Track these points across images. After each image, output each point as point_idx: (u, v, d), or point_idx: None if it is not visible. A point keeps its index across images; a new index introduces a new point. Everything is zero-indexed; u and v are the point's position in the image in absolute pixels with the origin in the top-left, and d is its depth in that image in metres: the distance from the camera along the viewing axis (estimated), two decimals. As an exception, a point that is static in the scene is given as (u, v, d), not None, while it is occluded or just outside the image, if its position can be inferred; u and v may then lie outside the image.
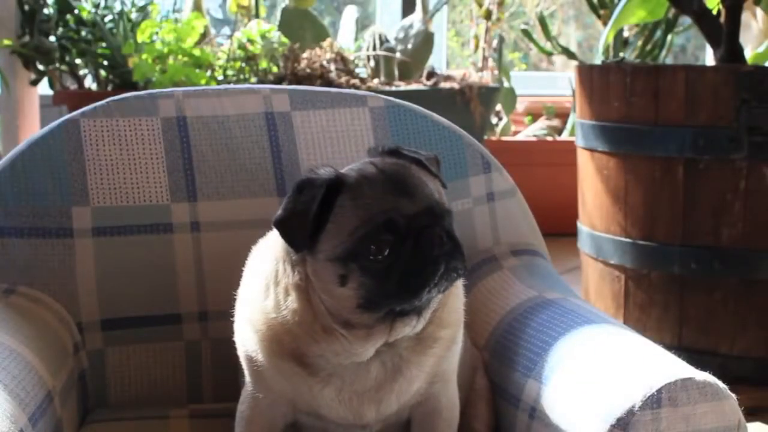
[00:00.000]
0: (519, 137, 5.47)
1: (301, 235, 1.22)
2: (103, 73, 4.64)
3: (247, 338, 1.35)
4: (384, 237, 1.19)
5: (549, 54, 5.27)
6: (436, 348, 1.33)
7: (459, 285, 1.40)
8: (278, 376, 1.33)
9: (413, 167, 1.28)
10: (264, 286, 1.33)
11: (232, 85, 1.87)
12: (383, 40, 4.60)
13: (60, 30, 4.63)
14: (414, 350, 1.32)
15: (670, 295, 2.94)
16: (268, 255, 1.35)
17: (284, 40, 4.32)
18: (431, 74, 4.66)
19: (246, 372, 1.39)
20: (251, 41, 4.25)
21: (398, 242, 1.20)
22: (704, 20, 3.10)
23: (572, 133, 5.03)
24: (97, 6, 4.63)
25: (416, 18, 4.77)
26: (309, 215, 1.20)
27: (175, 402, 1.72)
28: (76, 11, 4.61)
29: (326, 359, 1.29)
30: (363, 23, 5.32)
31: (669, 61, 5.10)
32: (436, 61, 5.65)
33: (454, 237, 1.23)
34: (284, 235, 1.25)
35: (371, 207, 1.21)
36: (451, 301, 1.36)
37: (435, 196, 1.25)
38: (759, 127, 2.77)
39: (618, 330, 1.47)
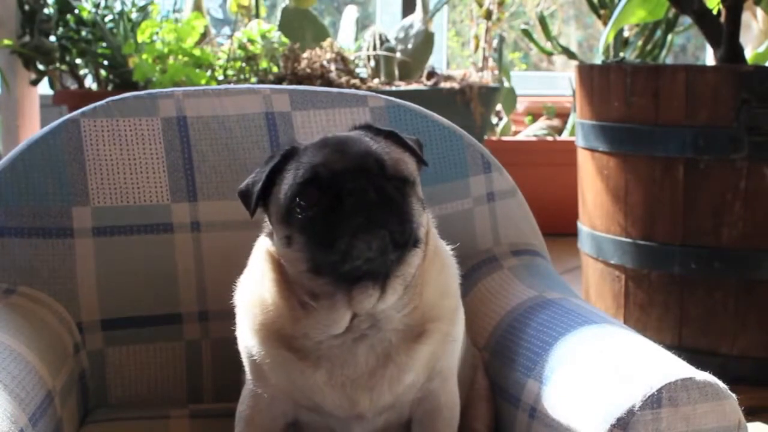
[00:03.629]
0: (519, 137, 5.46)
1: (254, 197, 1.29)
2: (103, 73, 4.64)
3: (243, 326, 1.37)
4: (308, 191, 1.22)
5: (549, 54, 5.27)
6: (427, 339, 1.33)
7: (452, 270, 1.40)
8: (274, 365, 1.34)
9: (367, 136, 1.29)
10: (255, 267, 1.38)
11: (232, 85, 1.87)
12: (383, 40, 4.60)
13: (60, 30, 4.63)
14: (403, 337, 1.32)
15: (670, 295, 2.94)
16: (262, 241, 1.39)
17: (284, 40, 4.32)
18: (431, 74, 4.66)
19: (246, 367, 1.40)
20: (251, 41, 4.25)
21: (323, 196, 1.22)
22: (704, 20, 3.10)
23: (572, 133, 5.03)
24: (97, 6, 4.62)
25: (416, 18, 4.77)
26: (261, 182, 1.28)
27: (175, 402, 1.72)
28: (76, 11, 4.61)
29: (310, 338, 1.30)
30: (363, 23, 5.32)
31: (669, 61, 5.10)
32: (436, 61, 5.65)
33: (386, 195, 1.22)
34: (243, 202, 1.32)
35: (303, 165, 1.25)
36: (433, 289, 1.34)
37: (375, 157, 1.24)
38: (759, 127, 2.77)
39: (618, 330, 1.47)
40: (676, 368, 1.29)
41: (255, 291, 1.36)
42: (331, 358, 1.31)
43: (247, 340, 1.37)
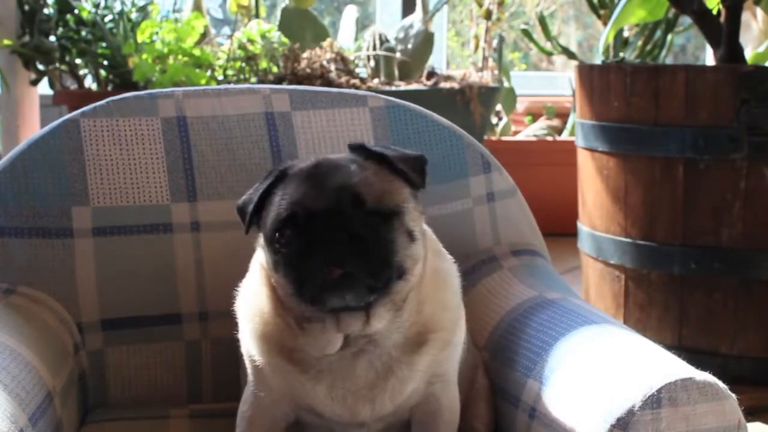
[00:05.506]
0: (519, 137, 5.46)
1: (247, 218, 1.29)
2: (103, 73, 4.65)
3: (245, 334, 1.37)
4: (286, 230, 1.22)
5: (549, 54, 5.27)
6: (427, 348, 1.33)
7: (452, 286, 1.38)
8: (275, 374, 1.34)
9: (356, 162, 1.26)
10: (254, 275, 1.37)
11: (232, 85, 1.87)
12: (383, 40, 4.60)
13: (60, 30, 4.63)
14: (403, 350, 1.31)
15: (670, 295, 2.94)
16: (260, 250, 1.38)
17: (284, 40, 4.32)
18: (431, 74, 4.66)
19: (248, 370, 1.39)
20: (251, 41, 4.25)
21: (297, 238, 1.21)
22: (704, 20, 3.10)
23: (572, 133, 5.03)
24: (97, 6, 4.63)
25: (416, 18, 4.76)
26: (254, 201, 1.28)
27: (175, 402, 1.72)
28: (76, 11, 4.61)
29: (308, 354, 1.30)
30: (363, 23, 5.32)
31: (669, 61, 5.10)
32: (436, 61, 5.65)
33: (361, 239, 1.19)
34: (240, 217, 1.32)
35: (285, 199, 1.24)
36: (432, 305, 1.33)
37: (353, 192, 1.21)
38: (759, 127, 2.77)
39: (618, 330, 1.47)
40: (675, 368, 1.29)
41: (255, 301, 1.35)
42: (332, 372, 1.30)
43: (249, 347, 1.36)
